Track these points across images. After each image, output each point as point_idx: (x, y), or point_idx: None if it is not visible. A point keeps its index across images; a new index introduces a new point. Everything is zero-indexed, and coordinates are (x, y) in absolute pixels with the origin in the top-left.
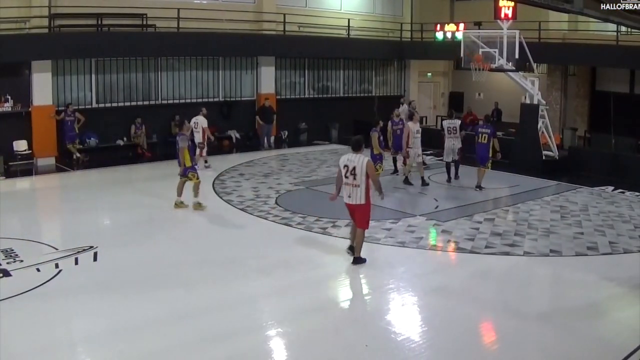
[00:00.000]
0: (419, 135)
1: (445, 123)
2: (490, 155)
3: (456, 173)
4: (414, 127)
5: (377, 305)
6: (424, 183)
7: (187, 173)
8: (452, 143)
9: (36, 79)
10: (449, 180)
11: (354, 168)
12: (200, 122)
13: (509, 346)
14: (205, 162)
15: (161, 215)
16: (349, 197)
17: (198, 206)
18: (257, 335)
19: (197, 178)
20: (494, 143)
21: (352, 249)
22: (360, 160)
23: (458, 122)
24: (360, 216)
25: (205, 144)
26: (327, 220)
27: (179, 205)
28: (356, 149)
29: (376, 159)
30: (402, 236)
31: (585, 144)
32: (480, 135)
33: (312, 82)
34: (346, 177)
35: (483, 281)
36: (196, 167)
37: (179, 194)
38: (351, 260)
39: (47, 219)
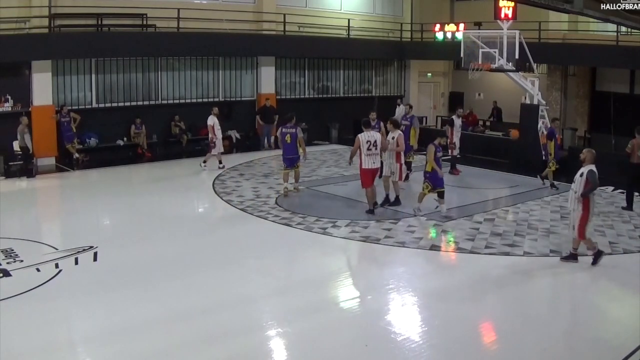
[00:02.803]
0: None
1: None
2: (551, 154)
3: (452, 167)
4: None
5: (377, 305)
6: (387, 202)
7: (295, 163)
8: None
9: (36, 79)
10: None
11: (375, 141)
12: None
13: (508, 346)
14: (204, 162)
15: (161, 215)
16: (374, 163)
17: (297, 190)
18: (257, 335)
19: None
20: (550, 146)
21: (372, 210)
22: (377, 135)
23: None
24: (378, 173)
25: (216, 143)
26: (327, 220)
27: (287, 192)
28: (367, 126)
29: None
30: (402, 236)
31: (585, 144)
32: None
33: (312, 82)
34: (369, 149)
35: (483, 281)
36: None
37: (286, 180)
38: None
39: (47, 219)
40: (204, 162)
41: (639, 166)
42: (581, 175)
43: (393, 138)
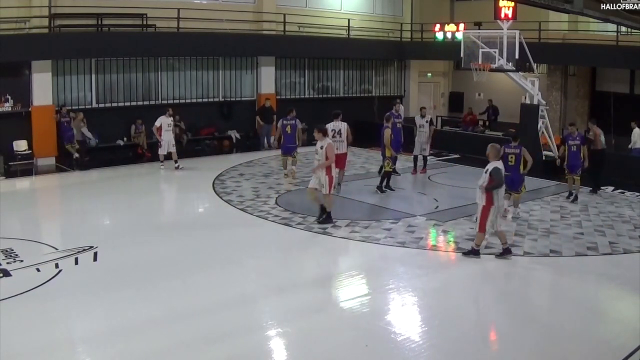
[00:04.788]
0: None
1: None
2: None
3: (424, 166)
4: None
5: (377, 305)
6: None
7: (292, 152)
8: (420, 137)
9: (36, 79)
10: (414, 171)
11: (339, 130)
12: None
13: (508, 346)
14: (175, 161)
15: (161, 215)
16: (337, 149)
17: (293, 173)
18: (257, 335)
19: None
20: (583, 151)
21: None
22: (343, 125)
23: (426, 118)
24: (343, 160)
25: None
26: None
27: (288, 175)
28: (336, 117)
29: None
30: (402, 236)
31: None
32: (570, 146)
33: (312, 82)
34: (334, 137)
35: (483, 281)
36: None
37: (286, 166)
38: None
39: (47, 219)
40: (164, 161)
41: (600, 152)
42: (486, 171)
43: (322, 148)
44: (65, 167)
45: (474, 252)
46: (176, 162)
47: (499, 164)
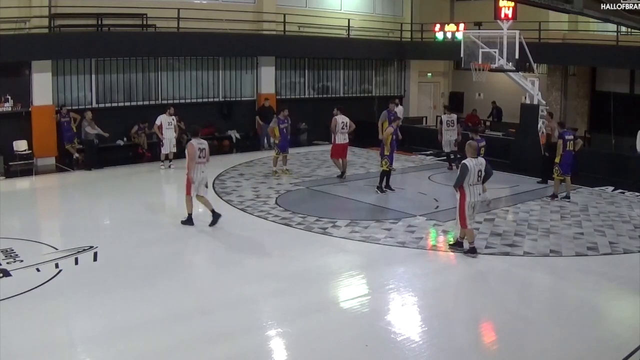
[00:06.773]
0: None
1: (445, 117)
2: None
3: (456, 164)
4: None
5: (377, 305)
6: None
7: (274, 147)
8: (449, 135)
9: (36, 79)
10: (450, 167)
11: (346, 123)
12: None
13: (508, 346)
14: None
15: (161, 215)
16: (345, 139)
17: (274, 173)
18: (257, 335)
19: (278, 153)
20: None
21: (341, 175)
22: (347, 119)
23: (455, 116)
24: (345, 150)
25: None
26: (327, 220)
27: (276, 173)
28: (341, 112)
29: None
30: (402, 236)
31: (585, 144)
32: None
33: (312, 82)
34: (342, 129)
35: (483, 281)
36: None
37: (275, 165)
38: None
39: (47, 219)
40: (165, 160)
41: (555, 144)
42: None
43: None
44: (65, 167)
45: (471, 251)
46: (170, 160)
47: (468, 160)
